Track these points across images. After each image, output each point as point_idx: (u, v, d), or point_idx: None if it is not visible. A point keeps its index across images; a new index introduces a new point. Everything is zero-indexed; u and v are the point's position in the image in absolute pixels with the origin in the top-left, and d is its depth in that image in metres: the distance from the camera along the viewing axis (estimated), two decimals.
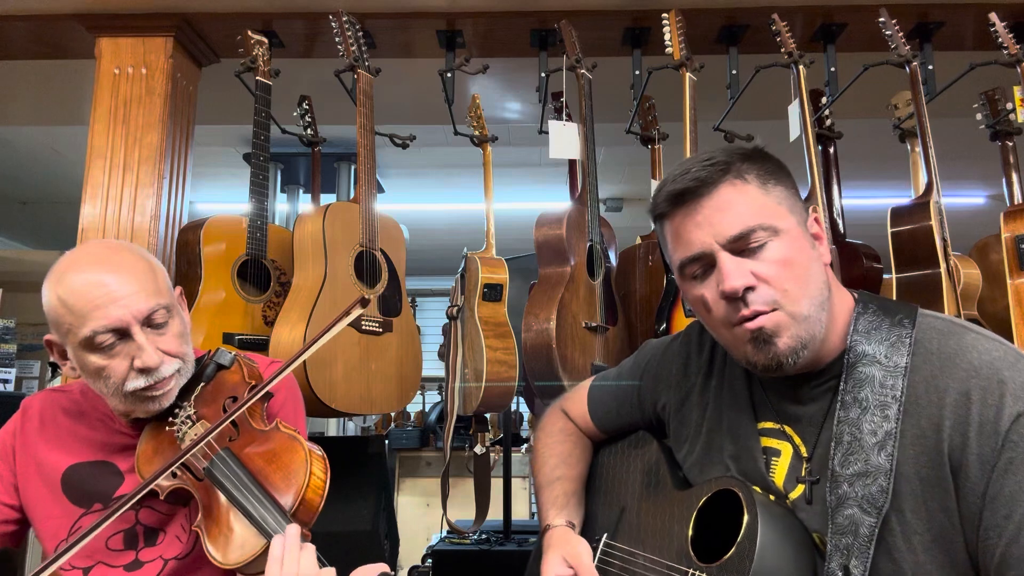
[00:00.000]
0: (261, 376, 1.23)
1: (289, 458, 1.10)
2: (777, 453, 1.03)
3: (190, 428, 1.16)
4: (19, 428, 1.24)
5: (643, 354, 1.29)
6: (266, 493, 1.07)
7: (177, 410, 1.18)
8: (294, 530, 1.01)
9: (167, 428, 1.18)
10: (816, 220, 1.01)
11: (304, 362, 1.86)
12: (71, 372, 1.16)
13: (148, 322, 1.11)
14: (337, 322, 1.15)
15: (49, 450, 1.22)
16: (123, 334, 1.10)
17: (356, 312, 1.15)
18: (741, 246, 0.94)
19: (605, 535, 1.20)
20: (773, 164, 0.99)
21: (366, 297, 1.17)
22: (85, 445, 1.22)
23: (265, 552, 1.03)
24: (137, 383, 1.11)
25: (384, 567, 1.02)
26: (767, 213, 0.94)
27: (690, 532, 1.04)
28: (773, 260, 0.93)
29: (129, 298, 1.09)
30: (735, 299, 0.94)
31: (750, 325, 0.94)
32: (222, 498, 1.09)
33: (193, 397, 1.19)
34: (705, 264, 0.97)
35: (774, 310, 0.93)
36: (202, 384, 1.21)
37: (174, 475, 1.13)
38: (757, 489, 1.00)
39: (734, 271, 0.93)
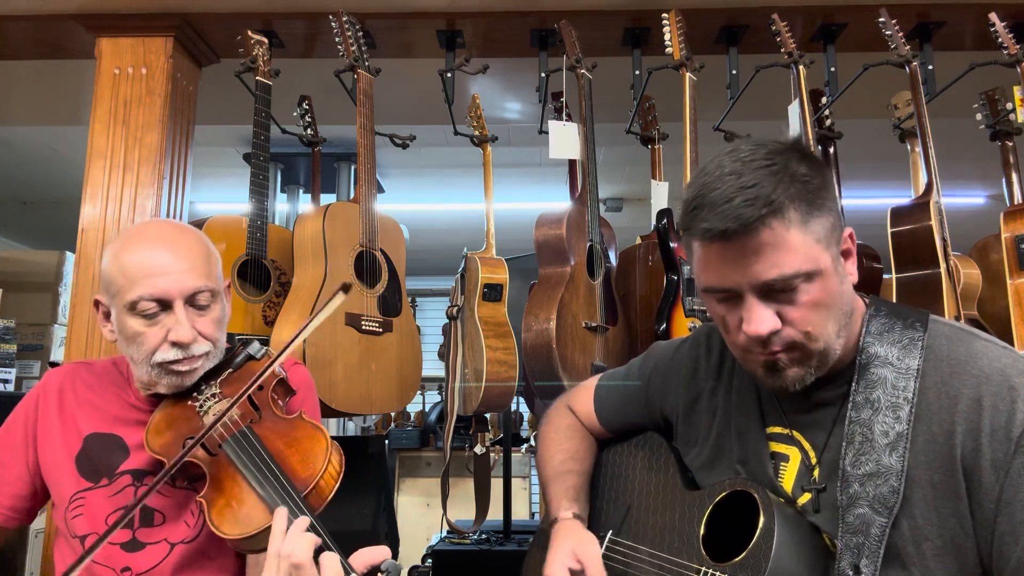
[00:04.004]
0: (285, 372, 1.27)
1: (309, 444, 1.13)
2: (786, 459, 1.03)
3: (215, 403, 1.20)
4: (41, 399, 1.27)
5: (651, 356, 1.29)
6: (282, 472, 1.08)
7: (203, 387, 1.22)
8: (303, 520, 1.02)
9: (188, 403, 1.21)
10: (850, 236, 0.98)
11: (304, 362, 1.86)
12: (110, 335, 1.22)
13: (192, 301, 1.18)
14: (324, 306, 1.15)
15: (67, 421, 1.24)
16: (166, 306, 1.16)
17: (339, 299, 1.15)
18: (773, 289, 0.91)
19: (610, 532, 1.20)
20: (819, 180, 0.93)
21: (347, 284, 1.18)
22: (99, 416, 1.25)
23: (270, 529, 1.04)
24: (167, 355, 1.17)
25: (387, 551, 1.01)
26: (804, 257, 0.90)
27: (702, 531, 1.04)
28: (803, 302, 0.92)
29: (180, 274, 1.16)
30: (759, 340, 0.94)
31: (765, 357, 0.95)
32: (233, 472, 1.11)
33: (219, 380, 1.24)
34: (731, 295, 0.94)
35: (792, 348, 0.94)
36: (230, 371, 1.25)
37: (183, 446, 1.14)
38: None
39: (760, 317, 0.91)
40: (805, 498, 0.99)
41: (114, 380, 1.28)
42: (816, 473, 0.99)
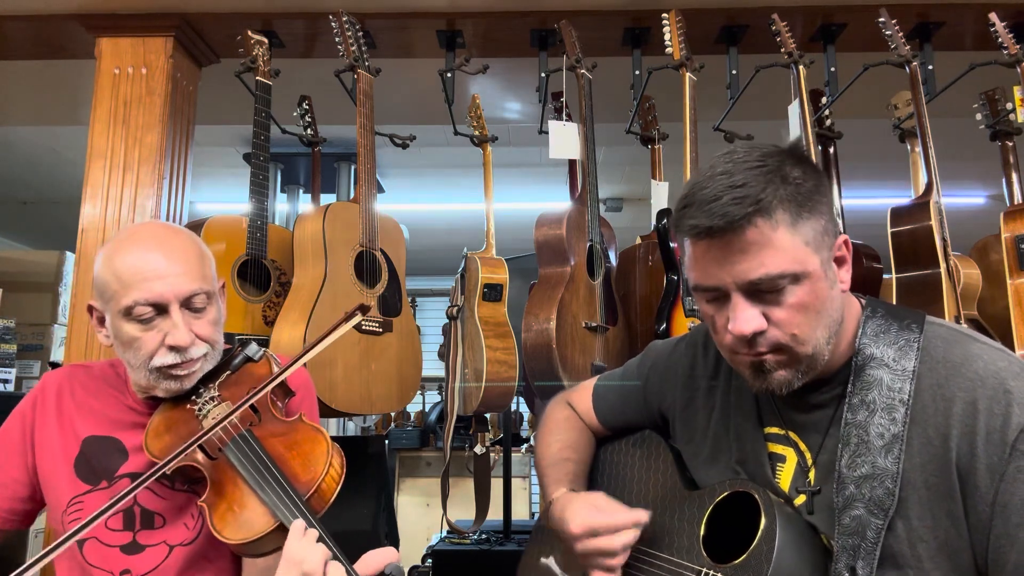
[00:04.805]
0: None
1: (310, 448, 1.12)
2: (782, 459, 1.03)
3: (214, 407, 1.19)
4: (39, 401, 1.27)
5: (649, 355, 1.29)
6: (284, 476, 1.08)
7: (201, 390, 1.21)
8: (314, 532, 1.02)
9: (187, 406, 1.20)
10: (845, 243, 0.98)
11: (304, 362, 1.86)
12: (105, 340, 1.21)
13: (187, 304, 1.17)
14: (337, 327, 1.17)
15: (65, 424, 1.24)
16: (161, 310, 1.15)
17: (356, 319, 1.17)
18: (759, 289, 0.91)
19: None
20: (811, 184, 0.93)
21: (366, 304, 1.19)
22: (97, 419, 1.24)
23: (272, 533, 1.04)
24: (165, 359, 1.15)
25: (393, 553, 1.01)
26: (791, 258, 0.90)
27: (702, 532, 1.04)
28: (789, 304, 0.91)
29: (175, 278, 1.15)
30: (743, 340, 0.94)
31: (751, 359, 0.95)
32: (234, 476, 1.10)
33: (217, 382, 1.23)
34: (719, 294, 0.95)
35: (778, 350, 0.94)
36: (228, 373, 1.24)
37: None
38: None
39: (745, 316, 0.91)
40: (800, 500, 0.99)
41: (112, 383, 1.28)
42: (812, 475, 0.99)
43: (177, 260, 1.16)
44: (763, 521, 0.95)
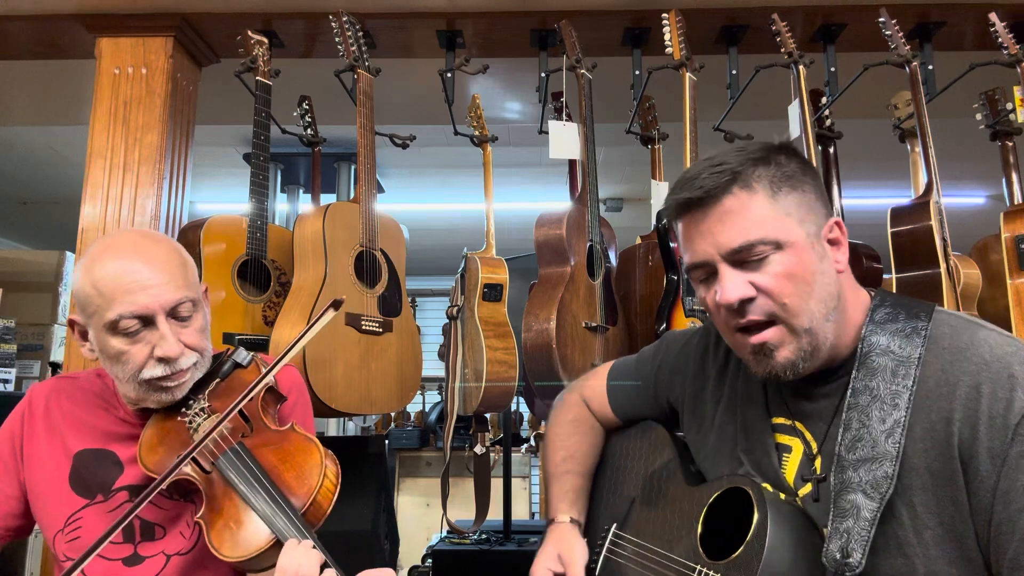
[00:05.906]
0: (275, 379, 1.23)
1: (303, 459, 1.11)
2: (788, 449, 1.03)
3: (204, 419, 1.17)
4: (26, 415, 1.25)
5: (663, 344, 1.30)
6: (278, 490, 1.07)
7: (191, 402, 1.19)
8: (309, 541, 1.02)
9: (177, 418, 1.18)
10: (837, 224, 0.99)
11: (304, 362, 1.86)
12: (89, 354, 1.17)
13: (173, 314, 1.14)
14: (314, 323, 1.17)
15: (55, 437, 1.22)
16: (147, 322, 1.12)
17: (329, 315, 1.17)
18: (742, 258, 0.94)
19: (615, 525, 1.21)
20: (793, 167, 0.97)
21: (338, 300, 1.19)
22: (88, 432, 1.22)
23: (270, 550, 1.03)
24: (154, 371, 1.13)
25: (391, 574, 1.01)
26: (771, 226, 0.93)
27: (699, 529, 1.04)
28: (775, 273, 0.93)
29: (158, 288, 1.11)
30: (732, 309, 0.95)
31: (752, 340, 0.96)
32: (230, 491, 1.09)
33: (207, 392, 1.20)
34: (708, 271, 0.98)
35: (772, 323, 0.95)
36: (217, 380, 1.22)
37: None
38: (768, 487, 1.00)
39: (730, 284, 0.94)
40: (806, 488, 0.99)
41: (100, 394, 1.25)
42: (817, 463, 0.99)
43: (160, 269, 1.12)
44: (755, 516, 0.95)
